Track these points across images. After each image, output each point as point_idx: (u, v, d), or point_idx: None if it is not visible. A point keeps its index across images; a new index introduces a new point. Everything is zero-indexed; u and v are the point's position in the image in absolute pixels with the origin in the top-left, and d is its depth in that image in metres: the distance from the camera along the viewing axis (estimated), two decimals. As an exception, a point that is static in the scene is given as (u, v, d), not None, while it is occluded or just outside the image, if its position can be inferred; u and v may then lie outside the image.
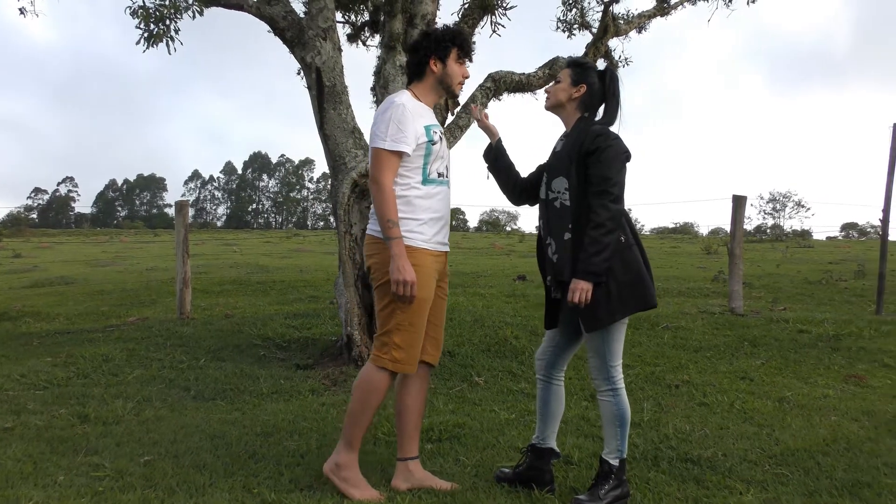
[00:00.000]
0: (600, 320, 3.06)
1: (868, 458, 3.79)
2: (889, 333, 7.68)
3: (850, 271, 16.03)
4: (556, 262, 3.17)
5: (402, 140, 3.08)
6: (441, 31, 3.33)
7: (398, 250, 3.03)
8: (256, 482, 3.32)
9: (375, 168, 3.11)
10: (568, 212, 3.11)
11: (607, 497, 3.10)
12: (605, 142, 3.08)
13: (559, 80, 3.31)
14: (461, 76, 3.33)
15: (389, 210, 3.06)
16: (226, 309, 9.43)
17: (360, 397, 3.20)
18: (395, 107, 3.12)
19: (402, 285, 3.02)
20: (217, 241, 36.64)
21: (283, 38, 6.11)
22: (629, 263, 3.10)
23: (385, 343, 3.17)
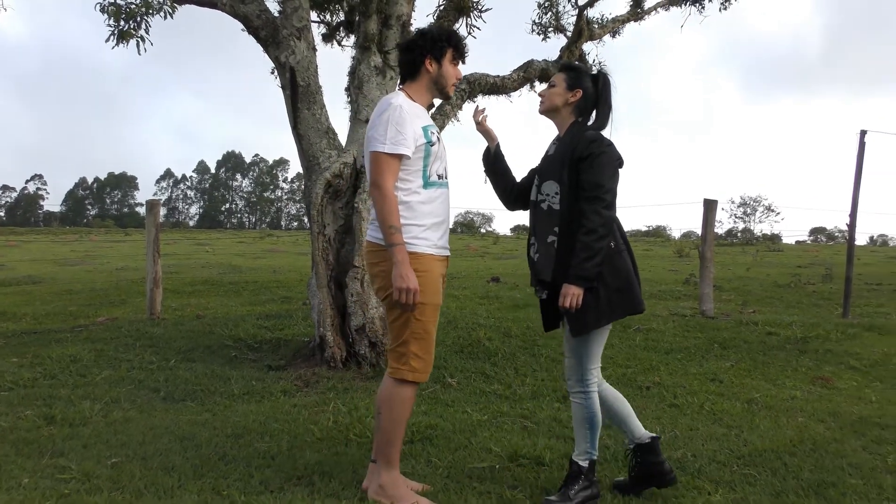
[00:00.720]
0: (587, 325, 3.10)
1: (833, 458, 3.86)
2: (855, 336, 7.82)
3: (817, 275, 16.29)
4: (536, 261, 3.18)
5: (401, 142, 3.00)
6: (437, 30, 3.28)
7: (401, 257, 2.94)
8: (226, 484, 3.29)
9: (375, 172, 3.02)
10: (556, 215, 3.13)
11: (577, 497, 3.12)
12: (598, 148, 3.10)
13: (553, 84, 3.31)
14: (455, 77, 3.28)
15: (392, 216, 2.97)
16: (197, 309, 9.34)
17: (389, 414, 3.11)
18: (392, 108, 3.03)
19: (405, 293, 2.93)
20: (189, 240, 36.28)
21: (257, 37, 6.06)
22: (618, 269, 3.13)
23: (402, 354, 3.08)
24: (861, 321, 8.92)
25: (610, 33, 8.13)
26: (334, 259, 5.98)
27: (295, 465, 3.56)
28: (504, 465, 3.64)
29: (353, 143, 6.13)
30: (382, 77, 6.19)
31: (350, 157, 5.99)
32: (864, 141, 9.79)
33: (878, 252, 32.53)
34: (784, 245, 41.51)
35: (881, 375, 6.17)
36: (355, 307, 5.87)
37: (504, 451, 3.81)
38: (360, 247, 5.90)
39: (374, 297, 5.97)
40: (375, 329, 5.93)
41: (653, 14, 8.30)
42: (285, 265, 18.35)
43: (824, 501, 3.24)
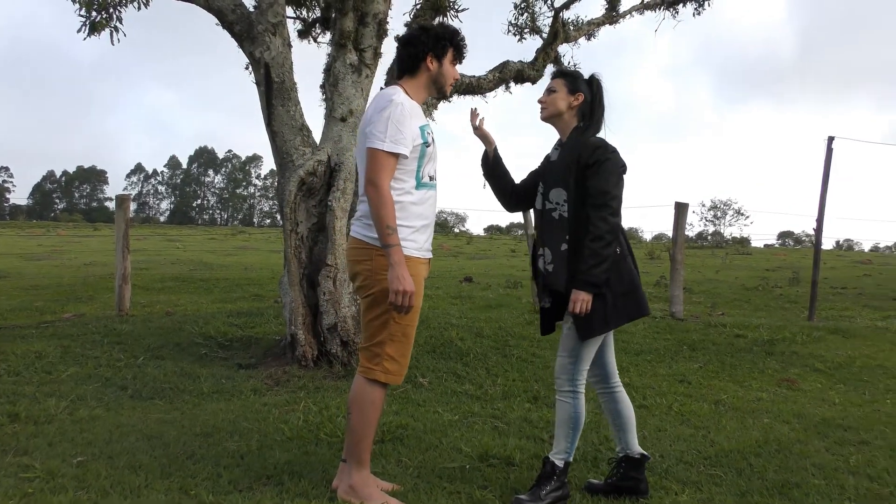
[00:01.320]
0: (595, 329, 3.13)
1: (798, 459, 3.93)
2: (820, 339, 7.97)
3: (785, 278, 16.56)
4: (550, 272, 3.20)
5: (401, 141, 2.94)
6: (440, 28, 3.22)
7: (398, 258, 2.89)
8: (194, 483, 3.25)
9: (373, 170, 2.95)
10: (566, 223, 3.15)
11: (548, 497, 3.13)
12: (603, 154, 3.13)
13: (553, 89, 3.32)
14: (453, 77, 3.25)
15: (388, 215, 2.91)
16: (167, 306, 9.23)
17: (360, 414, 3.09)
18: (393, 106, 2.97)
19: (402, 296, 2.89)
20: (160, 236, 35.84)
21: (232, 31, 6.01)
22: (623, 274, 3.18)
23: (376, 354, 3.05)
24: (826, 324, 9.08)
25: (585, 36, 8.19)
26: (307, 257, 5.95)
27: (264, 465, 3.54)
28: (474, 465, 3.65)
29: (327, 140, 6.10)
30: (358, 75, 6.17)
31: (324, 155, 5.96)
32: (831, 147, 9.97)
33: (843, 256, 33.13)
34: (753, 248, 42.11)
35: (844, 378, 6.29)
36: (327, 306, 5.84)
37: (474, 451, 3.82)
38: (333, 245, 5.88)
39: (346, 295, 5.96)
40: (347, 328, 5.91)
41: (628, 17, 8.38)
42: (257, 262, 18.21)
43: (788, 501, 3.30)
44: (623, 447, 3.37)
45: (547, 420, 4.55)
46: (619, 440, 3.39)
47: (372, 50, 6.23)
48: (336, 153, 6.04)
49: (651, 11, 8.55)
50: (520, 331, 7.64)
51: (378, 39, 6.27)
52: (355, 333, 5.97)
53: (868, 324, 9.52)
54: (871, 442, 4.31)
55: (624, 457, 3.35)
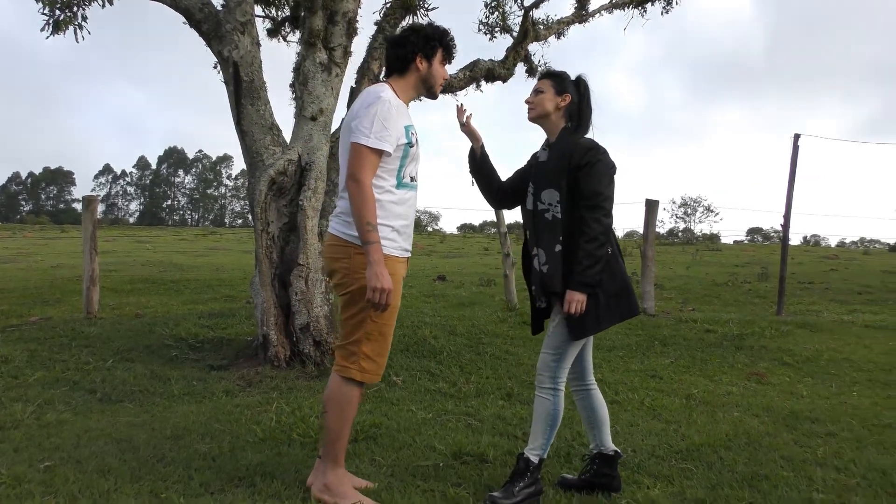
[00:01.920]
0: (588, 328, 3.16)
1: (767, 451, 3.98)
2: (788, 333, 8.10)
3: (754, 274, 16.79)
4: (545, 273, 3.20)
5: (385, 138, 2.93)
6: (430, 28, 3.21)
7: (377, 256, 2.87)
8: (164, 486, 3.22)
9: (355, 165, 2.92)
10: (559, 224, 3.16)
11: (521, 494, 3.14)
12: (595, 156, 3.15)
13: (541, 90, 3.33)
14: (442, 78, 3.24)
15: (369, 212, 2.88)
16: (136, 308, 9.11)
17: (335, 413, 3.07)
18: (381, 102, 2.95)
19: (380, 293, 2.86)
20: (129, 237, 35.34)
21: (200, 30, 5.95)
22: (615, 274, 3.21)
23: (353, 353, 3.03)
24: (794, 318, 9.23)
25: (555, 34, 8.23)
26: (278, 257, 5.91)
27: (236, 466, 3.51)
28: (448, 463, 3.65)
29: (297, 139, 6.07)
30: (328, 73, 6.13)
31: (295, 154, 5.92)
32: (797, 145, 10.12)
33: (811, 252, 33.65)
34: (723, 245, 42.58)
35: (812, 371, 6.40)
36: (299, 306, 5.81)
37: (448, 449, 3.82)
38: (305, 245, 5.85)
39: (318, 295, 5.93)
40: (320, 328, 5.88)
41: (597, 16, 8.43)
42: (229, 263, 18.04)
43: (757, 493, 3.34)
44: (597, 444, 3.39)
45: (521, 417, 4.56)
46: (593, 437, 3.42)
47: (342, 49, 6.20)
48: (306, 152, 6.00)
49: (620, 10, 8.61)
50: (493, 328, 7.66)
51: (348, 38, 6.25)
52: (328, 333, 5.95)
53: (835, 318, 9.69)
54: (837, 434, 4.38)
55: (597, 453, 3.38)
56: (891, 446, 4.14)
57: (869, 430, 4.47)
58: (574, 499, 3.25)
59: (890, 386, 5.88)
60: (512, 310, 9.06)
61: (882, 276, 18.04)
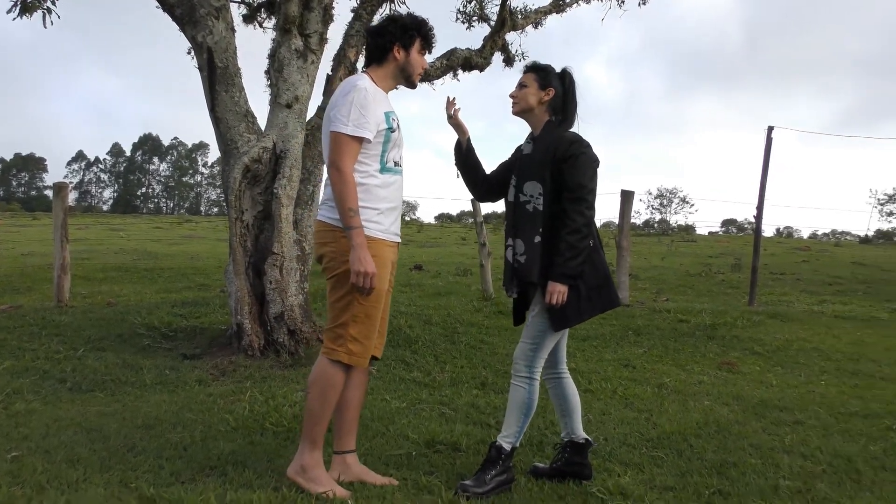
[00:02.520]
0: (569, 319, 3.19)
1: (736, 439, 4.04)
2: (759, 323, 8.21)
3: (727, 265, 16.98)
4: (523, 264, 3.20)
5: (363, 125, 2.98)
6: (408, 18, 3.24)
7: (360, 240, 2.93)
8: (135, 476, 3.19)
9: (336, 153, 2.98)
10: (540, 216, 3.18)
11: (493, 482, 3.16)
12: (579, 149, 3.18)
13: (524, 84, 3.34)
14: (421, 67, 3.27)
15: (350, 198, 2.94)
16: (108, 296, 9.01)
17: (318, 394, 3.09)
18: (357, 90, 3.00)
19: (363, 276, 2.92)
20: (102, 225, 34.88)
21: (173, 15, 5.86)
22: (597, 266, 3.24)
23: (340, 335, 3.07)
24: (765, 309, 9.36)
25: (532, 24, 8.22)
26: (252, 245, 5.87)
27: (208, 456, 3.49)
28: (421, 452, 3.66)
29: (272, 127, 6.01)
30: (304, 60, 6.08)
31: (269, 142, 5.88)
32: (770, 137, 10.23)
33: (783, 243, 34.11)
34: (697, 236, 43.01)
35: (782, 360, 6.49)
36: (274, 294, 5.78)
37: (421, 438, 3.83)
38: (279, 233, 5.81)
39: (293, 284, 5.90)
40: (294, 317, 5.85)
41: (574, 6, 8.44)
42: (204, 251, 17.89)
43: (725, 480, 3.39)
44: (568, 432, 3.42)
45: (494, 406, 4.59)
46: (565, 425, 3.44)
47: (318, 35, 6.15)
48: (282, 140, 5.95)
49: (598, 0, 8.63)
50: (468, 318, 7.68)
51: (324, 25, 6.20)
52: (302, 322, 5.93)
53: (805, 308, 9.84)
54: (805, 422, 4.46)
55: (568, 442, 3.41)
56: (856, 434, 4.22)
57: (835, 418, 4.56)
58: (546, 487, 3.28)
59: (857, 375, 5.99)
60: (488, 299, 9.08)
61: (852, 267, 18.34)
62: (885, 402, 5.00)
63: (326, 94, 6.45)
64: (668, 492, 3.26)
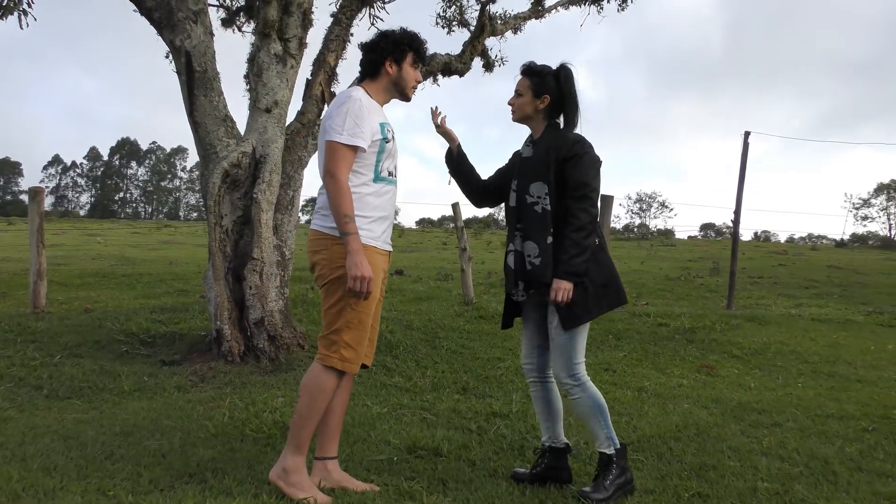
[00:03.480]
0: (578, 318, 3.18)
1: (715, 442, 4.07)
2: (738, 326, 8.28)
3: (706, 269, 17.13)
4: (538, 266, 3.20)
5: (358, 135, 3.03)
6: (399, 33, 3.29)
7: (356, 246, 2.97)
8: (112, 484, 3.16)
9: (331, 162, 3.04)
10: (549, 216, 3.19)
11: (612, 486, 3.17)
12: (582, 148, 3.21)
13: (520, 92, 3.34)
14: (414, 80, 3.32)
15: (345, 205, 2.99)
16: (86, 303, 8.90)
17: (309, 399, 3.10)
18: (351, 101, 3.07)
19: (360, 281, 2.95)
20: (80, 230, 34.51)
21: (151, 18, 5.82)
22: (603, 264, 3.26)
23: (334, 342, 3.09)
24: (743, 312, 9.45)
25: (512, 29, 8.26)
26: (232, 251, 5.84)
27: (187, 463, 3.46)
28: (402, 457, 3.65)
29: (252, 132, 5.99)
30: (283, 65, 6.07)
31: (249, 147, 5.85)
32: (747, 142, 10.35)
33: (761, 247, 34.46)
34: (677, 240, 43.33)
35: (760, 363, 6.56)
36: (254, 300, 5.75)
37: (403, 443, 3.82)
38: (259, 238, 5.78)
39: (273, 289, 5.87)
40: (275, 322, 5.83)
41: (553, 12, 8.49)
42: (183, 257, 17.76)
43: (704, 483, 3.42)
44: (549, 437, 3.43)
45: (475, 411, 4.59)
46: (546, 429, 3.45)
47: (297, 40, 6.14)
48: (261, 145, 5.93)
49: (576, 6, 8.69)
50: (449, 323, 7.68)
51: (303, 29, 6.19)
52: (283, 328, 5.90)
53: (782, 311, 9.95)
54: (782, 424, 4.51)
55: (549, 447, 3.42)
56: (832, 435, 4.27)
57: (812, 420, 4.61)
58: (527, 491, 3.28)
59: (833, 377, 6.07)
60: (468, 304, 9.09)
61: (828, 270, 18.57)
62: (861, 404, 5.07)
63: (306, 98, 6.43)
64: (648, 495, 3.27)
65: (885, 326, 9.17)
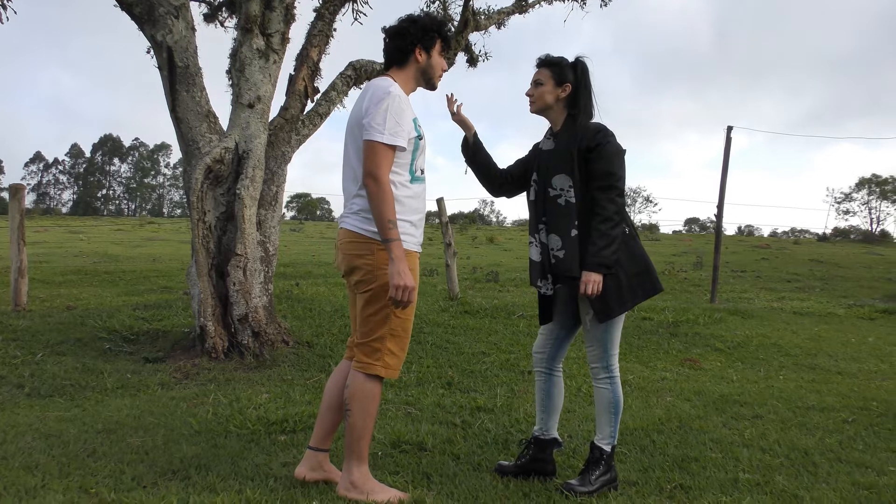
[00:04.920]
0: (613, 310, 3.16)
1: (697, 434, 4.11)
2: (721, 320, 8.35)
3: (690, 263, 17.24)
4: (562, 259, 3.18)
5: (399, 134, 2.88)
6: (428, 19, 3.15)
7: (399, 253, 2.82)
8: (95, 481, 3.14)
9: (372, 163, 2.86)
10: (574, 208, 3.16)
11: (597, 482, 3.18)
12: (604, 138, 3.16)
13: (540, 81, 3.30)
14: (441, 69, 3.19)
15: (389, 209, 2.84)
16: (68, 300, 8.84)
17: (360, 410, 3.00)
18: (391, 98, 2.90)
19: (403, 291, 2.82)
20: (62, 227, 34.19)
21: (131, 13, 5.77)
22: (635, 253, 3.22)
23: (377, 349, 2.98)
24: (727, 306, 9.52)
25: (496, 25, 8.26)
26: (215, 247, 5.81)
27: (170, 460, 3.44)
28: (387, 452, 3.66)
29: (234, 127, 5.96)
30: (265, 60, 6.04)
31: (231, 142, 5.82)
32: (730, 136, 10.42)
33: (744, 241, 34.70)
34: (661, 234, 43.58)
35: (742, 356, 6.62)
36: (237, 296, 5.73)
37: (387, 438, 3.83)
38: (243, 234, 5.76)
39: (257, 285, 5.86)
40: (259, 318, 5.81)
41: (537, 7, 8.50)
42: (166, 254, 17.66)
43: (686, 475, 3.45)
44: (542, 427, 3.44)
45: (460, 405, 4.60)
46: (540, 420, 3.46)
47: (279, 35, 6.11)
48: (244, 140, 5.91)
49: (559, 1, 8.70)
50: (434, 318, 7.69)
51: (286, 24, 6.15)
52: (267, 324, 5.89)
53: (765, 305, 10.04)
54: (764, 416, 4.55)
55: (534, 438, 3.43)
56: (813, 427, 4.32)
57: (793, 412, 4.66)
58: (511, 484, 3.29)
59: (814, 370, 6.13)
60: (454, 299, 9.10)
61: (810, 264, 18.75)
62: (841, 396, 5.13)
63: (289, 93, 6.40)
64: (630, 487, 3.30)
65: (865, 319, 9.28)
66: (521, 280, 12.94)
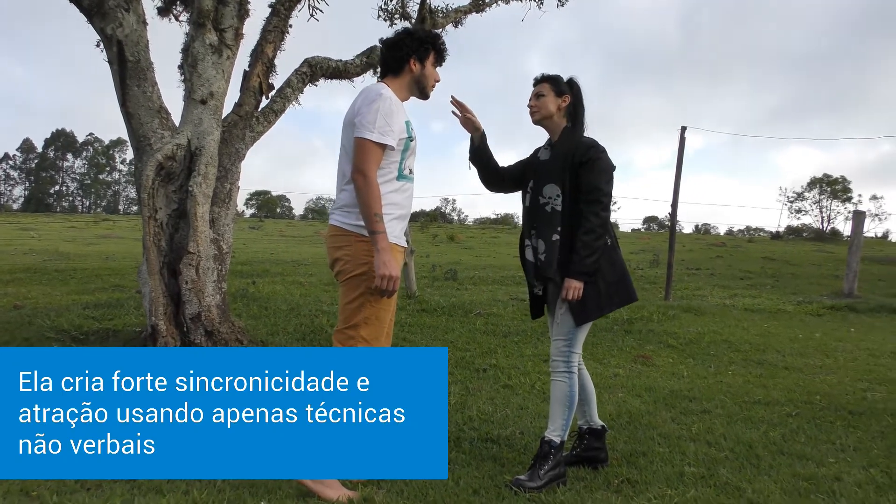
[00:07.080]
0: (590, 314, 3.38)
1: (646, 430, 4.18)
2: (674, 317, 8.49)
3: (647, 261, 17.49)
4: (543, 261, 3.40)
5: (388, 133, 3.06)
6: (423, 32, 3.36)
7: (384, 244, 3.01)
8: (36, 484, 3.07)
9: (361, 160, 3.05)
10: (558, 216, 3.37)
11: (546, 477, 3.26)
12: (596, 154, 3.38)
13: (542, 93, 3.50)
14: (433, 80, 3.37)
15: (376, 203, 3.02)
16: (15, 299, 8.63)
17: None
18: (382, 99, 3.09)
19: (388, 280, 3.00)
20: (12, 224, 33.34)
21: (80, 6, 5.64)
22: (615, 263, 3.43)
23: (351, 337, 3.12)
24: (680, 303, 9.69)
25: (453, 23, 8.27)
26: (167, 245, 5.72)
27: (116, 461, 3.38)
28: (338, 450, 3.64)
29: (187, 123, 5.87)
30: (218, 56, 5.95)
31: (184, 139, 5.74)
32: (684, 136, 10.60)
33: (701, 240, 35.34)
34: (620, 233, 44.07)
35: (694, 352, 6.74)
36: (190, 295, 5.65)
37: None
38: (195, 232, 5.68)
39: (210, 284, 5.78)
40: (212, 317, 5.74)
41: (493, 6, 8.53)
42: (120, 251, 17.33)
43: (634, 469, 3.51)
44: (587, 420, 3.63)
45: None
46: (583, 413, 3.64)
47: (233, 30, 6.03)
48: (196, 136, 5.82)
49: (517, 1, 8.75)
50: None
51: (239, 20, 6.08)
52: (220, 323, 5.82)
53: (718, 302, 10.24)
54: (711, 411, 4.64)
55: (588, 429, 3.61)
56: (758, 421, 4.42)
57: (740, 407, 4.76)
58: (461, 481, 3.31)
59: (762, 365, 6.28)
60: (411, 297, 9.10)
61: (762, 262, 19.17)
62: (787, 390, 5.26)
63: (244, 90, 6.33)
64: (579, 482, 3.35)
65: (813, 315, 9.53)
66: (479, 278, 13.02)
